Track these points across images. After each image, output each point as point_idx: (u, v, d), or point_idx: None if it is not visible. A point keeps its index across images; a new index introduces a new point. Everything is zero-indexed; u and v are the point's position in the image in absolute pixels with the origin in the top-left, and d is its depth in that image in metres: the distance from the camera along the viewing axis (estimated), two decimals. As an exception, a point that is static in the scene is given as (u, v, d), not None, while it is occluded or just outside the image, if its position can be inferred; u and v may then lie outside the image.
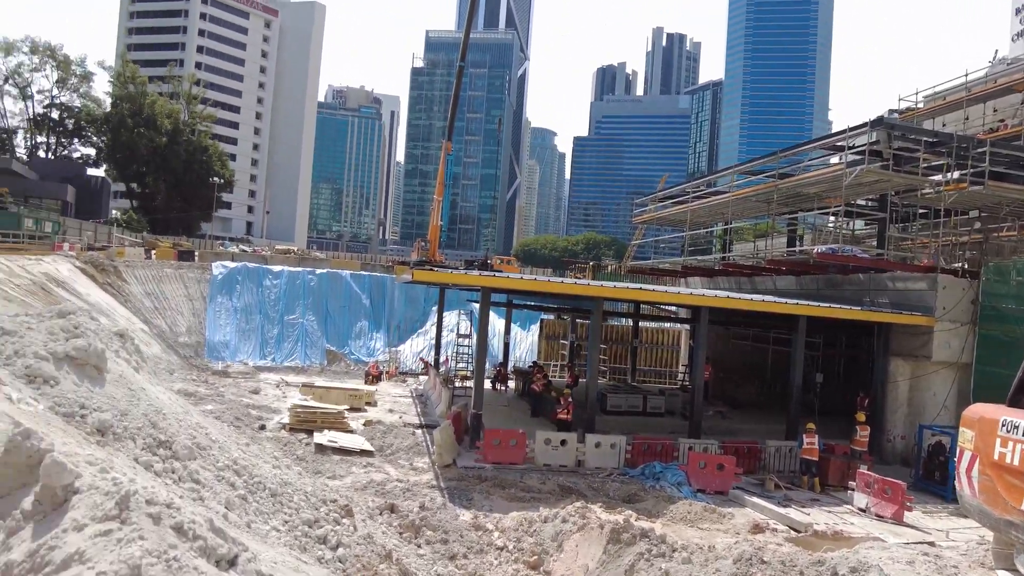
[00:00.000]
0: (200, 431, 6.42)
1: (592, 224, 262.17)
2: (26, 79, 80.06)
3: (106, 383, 5.89)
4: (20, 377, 5.19)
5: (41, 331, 6.01)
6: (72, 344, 5.82)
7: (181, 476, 5.06)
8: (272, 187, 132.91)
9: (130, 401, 5.88)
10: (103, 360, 6.00)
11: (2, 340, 5.61)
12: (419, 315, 47.68)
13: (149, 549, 2.14)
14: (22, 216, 46.18)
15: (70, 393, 5.32)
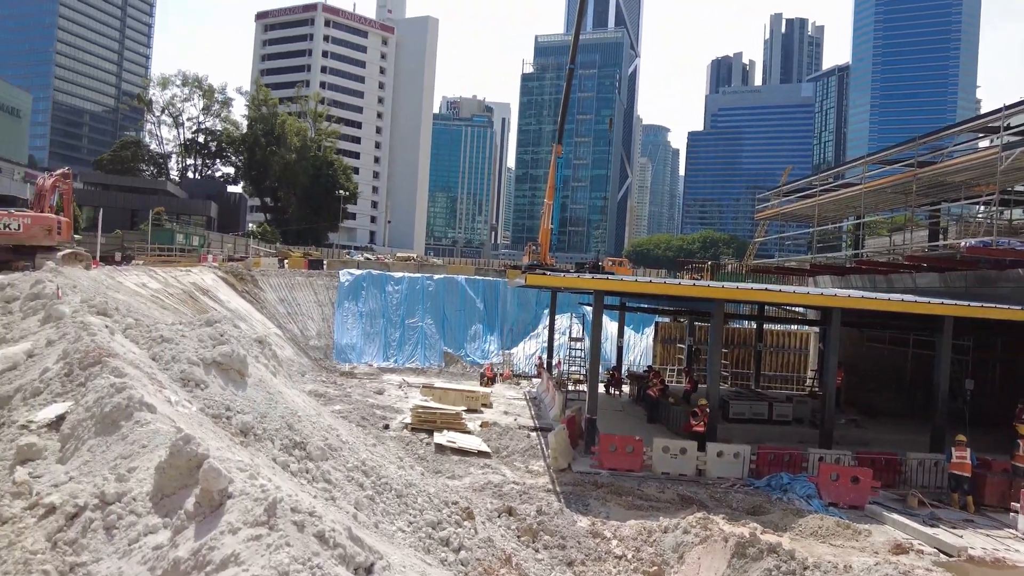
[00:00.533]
0: (332, 433, 6.84)
1: (709, 222, 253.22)
2: (178, 108, 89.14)
3: (248, 387, 6.41)
4: (176, 380, 5.76)
5: (192, 338, 6.65)
6: (218, 351, 6.41)
7: (314, 476, 5.41)
8: (392, 197, 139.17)
9: (269, 404, 6.38)
10: (245, 365, 6.55)
11: (161, 347, 6.28)
12: (531, 318, 48.11)
13: (295, 556, 2.30)
14: (175, 232, 51.30)
15: (217, 396, 5.85)
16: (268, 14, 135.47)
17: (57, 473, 3.55)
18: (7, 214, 25.86)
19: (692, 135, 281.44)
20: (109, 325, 6.69)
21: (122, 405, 3.70)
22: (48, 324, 7.86)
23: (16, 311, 10.42)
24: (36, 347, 6.60)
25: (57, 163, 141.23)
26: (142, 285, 26.82)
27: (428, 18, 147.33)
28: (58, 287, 10.21)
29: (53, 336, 6.78)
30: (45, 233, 25.84)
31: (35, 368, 5.86)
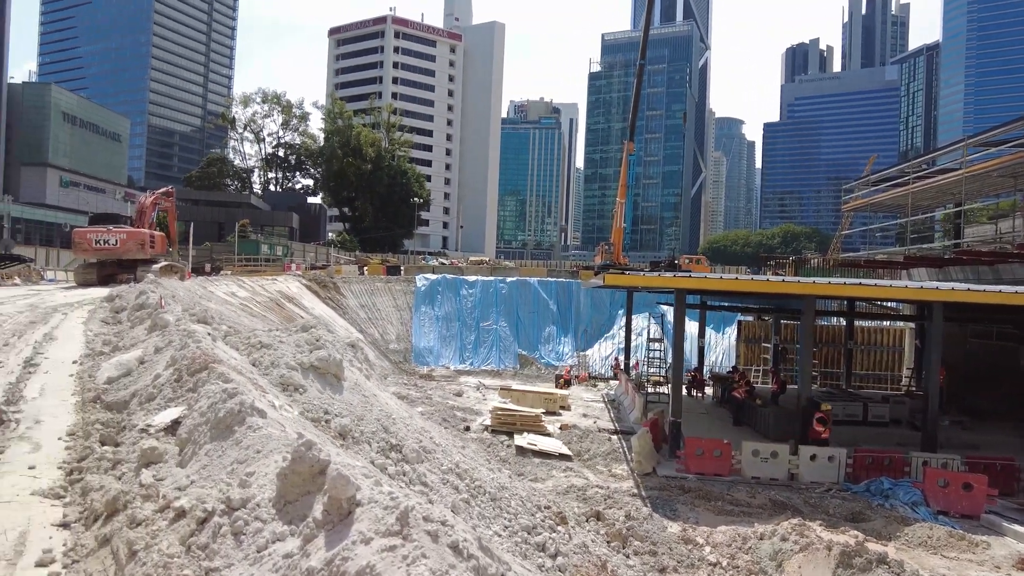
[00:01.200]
0: (424, 435, 6.89)
1: (788, 215, 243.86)
2: (259, 125, 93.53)
3: (344, 390, 6.54)
4: (276, 385, 5.94)
5: (290, 344, 6.86)
6: (315, 355, 6.58)
7: (411, 479, 5.44)
8: (463, 202, 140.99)
9: (364, 407, 6.48)
10: (341, 369, 6.70)
11: (261, 352, 6.50)
12: (605, 319, 47.52)
13: (433, 569, 2.25)
14: (260, 243, 53.73)
15: (315, 399, 6.00)
16: (340, 29, 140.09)
17: (178, 476, 3.68)
18: (106, 231, 27.76)
19: (768, 126, 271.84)
20: (211, 332, 7.00)
21: (235, 410, 3.81)
22: (155, 332, 8.32)
23: (125, 320, 11.09)
24: (146, 354, 6.98)
25: (152, 182, 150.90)
26: (231, 294, 28.12)
27: (494, 23, 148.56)
28: (161, 297, 10.82)
29: (160, 343, 7.16)
30: (138, 247, 27.57)
31: (147, 374, 6.19)
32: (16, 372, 7.49)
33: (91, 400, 5.76)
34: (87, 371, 7.33)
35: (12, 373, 7.45)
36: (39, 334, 10.41)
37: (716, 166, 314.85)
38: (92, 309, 13.94)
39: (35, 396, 6.26)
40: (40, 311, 14.58)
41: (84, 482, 3.86)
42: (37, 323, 11.93)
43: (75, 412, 5.62)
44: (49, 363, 8.11)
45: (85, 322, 11.88)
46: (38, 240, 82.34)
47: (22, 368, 7.71)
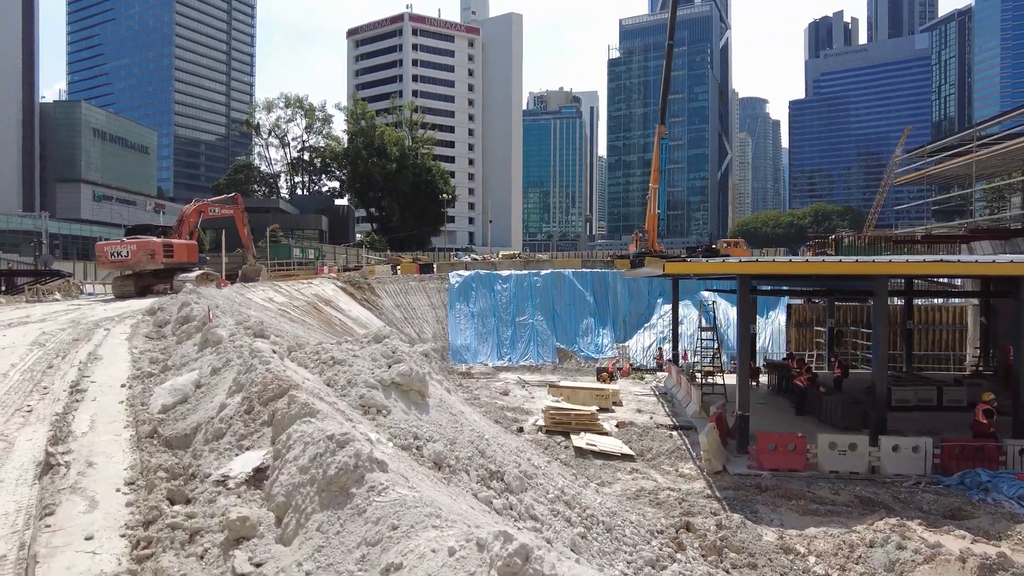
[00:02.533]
0: (522, 456, 6.10)
1: (818, 194, 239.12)
2: (283, 129, 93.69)
3: (430, 408, 5.78)
4: (356, 407, 5.19)
5: (365, 358, 6.11)
6: (396, 371, 5.81)
7: (520, 513, 4.65)
8: (487, 197, 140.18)
9: (455, 427, 5.71)
10: (425, 385, 5.92)
11: (334, 370, 5.76)
12: (644, 308, 46.34)
13: None
14: (291, 247, 53.57)
15: (402, 422, 5.22)
16: (358, 30, 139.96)
17: (285, 563, 2.88)
18: (120, 242, 27.83)
19: (793, 104, 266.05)
20: (276, 349, 6.29)
21: (349, 466, 2.97)
22: (207, 349, 7.66)
23: (169, 334, 10.50)
24: (202, 376, 6.30)
25: (181, 192, 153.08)
26: (269, 300, 27.71)
27: (511, 15, 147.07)
28: (209, 309, 10.19)
29: (216, 363, 6.48)
30: (148, 257, 27.44)
31: (206, 401, 5.50)
32: (62, 399, 6.88)
33: (147, 435, 5.07)
34: (138, 396, 6.68)
35: (58, 401, 6.83)
36: (83, 353, 9.87)
37: (742, 147, 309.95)
38: (134, 324, 13.44)
39: (85, 430, 5.61)
40: (82, 327, 14.13)
41: (158, 568, 3.10)
42: (80, 340, 11.43)
43: (131, 450, 4.94)
44: (96, 387, 7.50)
45: (129, 338, 11.34)
46: (75, 254, 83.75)
47: (68, 394, 7.10)
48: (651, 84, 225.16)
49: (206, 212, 34.75)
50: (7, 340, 11.18)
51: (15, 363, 8.98)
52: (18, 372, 8.35)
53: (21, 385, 7.59)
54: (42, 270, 41.31)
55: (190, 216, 34.24)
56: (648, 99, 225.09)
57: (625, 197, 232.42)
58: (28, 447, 5.25)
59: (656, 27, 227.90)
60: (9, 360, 9.15)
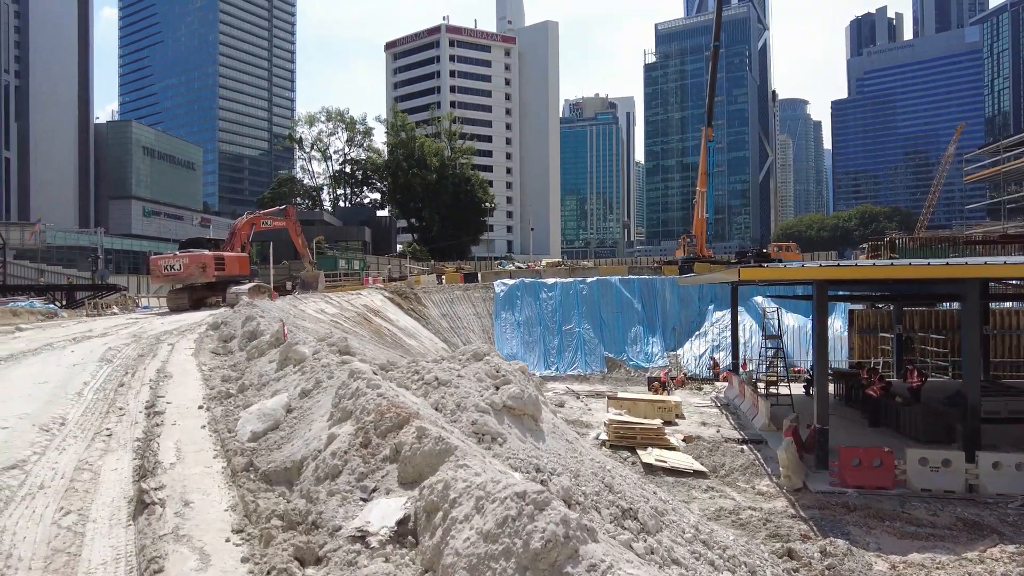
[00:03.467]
0: (646, 489, 5.51)
1: (863, 195, 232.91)
2: (325, 143, 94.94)
3: (545, 435, 5.23)
4: (469, 435, 4.67)
5: (469, 378, 5.60)
6: (508, 393, 5.28)
7: (663, 559, 4.05)
8: (525, 205, 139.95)
9: (575, 457, 5.15)
10: (539, 409, 5.37)
11: (441, 392, 5.25)
12: (694, 315, 45.18)
13: None
14: (338, 258, 53.87)
15: (520, 452, 4.67)
16: (396, 43, 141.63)
17: None
18: (172, 256, 28.06)
19: (836, 104, 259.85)
20: (375, 370, 5.81)
21: (558, 536, 2.31)
22: (288, 368, 7.26)
23: (236, 350, 10.19)
24: (291, 399, 5.86)
25: (226, 206, 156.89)
26: (320, 311, 27.65)
27: (547, 23, 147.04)
28: (283, 324, 9.85)
29: (304, 384, 6.04)
30: (200, 271, 27.54)
31: (302, 428, 5.05)
32: (141, 422, 6.55)
33: (242, 468, 4.64)
34: (220, 421, 6.30)
35: (137, 424, 6.50)
36: (151, 370, 9.63)
37: (783, 150, 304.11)
38: (197, 338, 13.28)
39: (172, 460, 5.21)
40: (144, 342, 14.02)
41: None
42: (145, 356, 11.25)
43: (227, 485, 4.51)
44: (173, 408, 7.17)
45: (195, 354, 11.11)
46: (127, 268, 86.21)
47: (146, 417, 6.78)
48: (688, 88, 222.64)
49: (258, 224, 35.08)
50: (76, 356, 11.06)
51: (87, 381, 8.77)
52: (91, 391, 8.11)
53: (96, 405, 7.32)
54: (100, 284, 42.31)
55: (242, 229, 34.62)
56: (686, 103, 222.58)
57: (664, 202, 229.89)
58: (115, 478, 4.88)
59: (691, 31, 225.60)
60: (81, 378, 8.94)
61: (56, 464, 5.09)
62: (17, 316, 24.97)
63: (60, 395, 7.67)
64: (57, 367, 9.77)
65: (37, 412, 6.75)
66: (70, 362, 10.31)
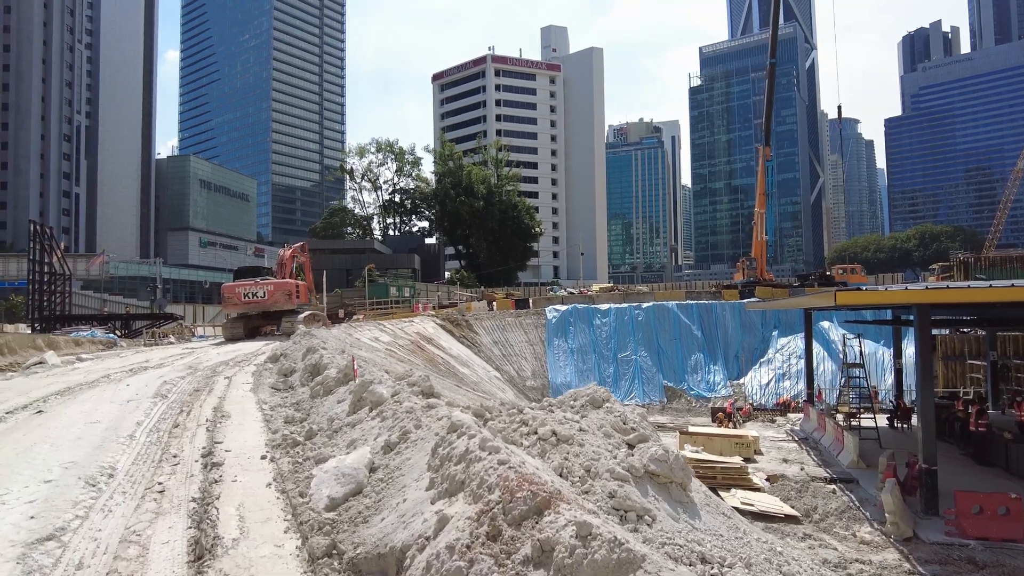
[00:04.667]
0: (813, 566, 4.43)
1: (921, 215, 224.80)
2: (375, 173, 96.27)
3: (699, 509, 4.19)
4: (608, 512, 3.67)
5: (592, 431, 4.61)
6: (648, 455, 4.26)
7: None
8: (571, 230, 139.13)
9: (738, 538, 4.09)
10: (688, 475, 4.33)
11: (563, 451, 4.26)
12: (758, 342, 43.14)
13: None
14: (388, 286, 53.78)
15: (676, 535, 3.63)
16: (443, 74, 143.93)
17: None
18: (254, 283, 27.50)
19: (890, 122, 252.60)
20: (476, 421, 4.88)
21: None
22: (362, 410, 6.39)
23: (298, 385, 9.43)
24: (374, 454, 4.98)
25: (279, 236, 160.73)
26: (375, 339, 27.11)
27: (592, 50, 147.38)
28: (353, 359, 9.02)
29: (389, 436, 5.14)
30: (286, 298, 27.09)
31: (392, 494, 4.13)
32: (196, 475, 5.76)
33: (323, 552, 3.74)
34: (289, 477, 5.46)
35: (192, 477, 5.71)
36: (208, 408, 8.94)
37: (834, 170, 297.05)
38: (255, 371, 12.66)
39: (235, 535, 4.36)
40: (200, 374, 13.48)
41: None
42: (201, 391, 10.62)
43: (306, 575, 3.61)
44: (232, 458, 6.37)
45: (253, 389, 10.43)
46: (183, 298, 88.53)
47: (202, 468, 6.00)
48: (735, 110, 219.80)
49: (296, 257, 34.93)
50: (131, 391, 10.51)
51: (140, 420, 8.11)
52: (144, 432, 7.42)
53: (148, 451, 6.59)
54: (157, 313, 43.02)
55: (288, 260, 34.54)
56: (732, 125, 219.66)
57: (713, 225, 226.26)
58: (166, 555, 4.05)
59: (736, 53, 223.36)
60: (134, 417, 8.30)
61: (99, 533, 4.31)
62: (79, 345, 25.14)
63: (111, 438, 7.00)
64: (111, 404, 9.19)
65: (85, 460, 6.07)
66: (124, 397, 9.74)
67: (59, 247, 40.95)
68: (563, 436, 4.40)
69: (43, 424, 7.77)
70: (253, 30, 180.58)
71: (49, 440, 6.82)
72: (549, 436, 4.47)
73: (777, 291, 46.39)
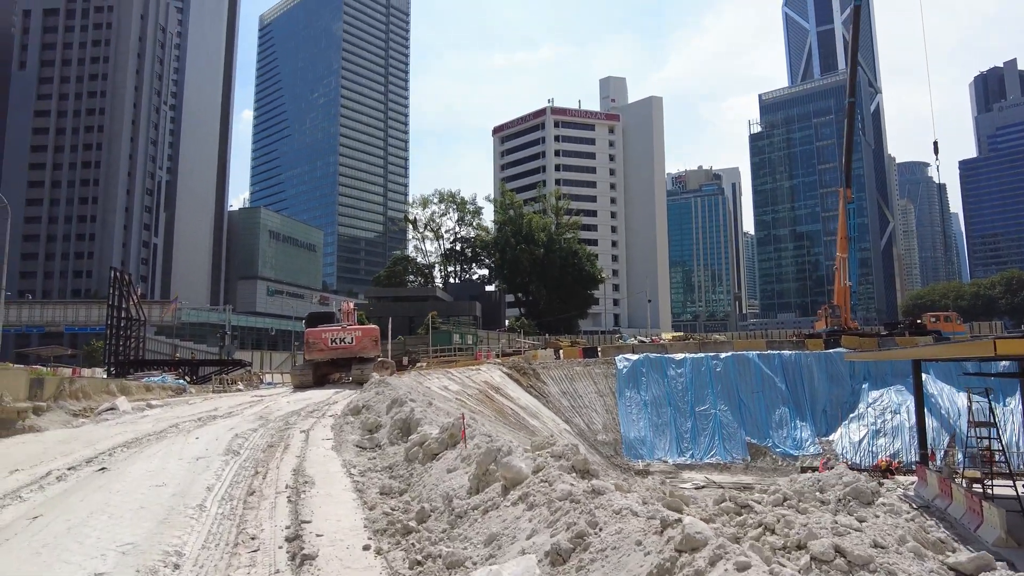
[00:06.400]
0: None
1: (1003, 260, 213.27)
2: (437, 223, 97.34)
3: None
4: None
5: (896, 550, 3.23)
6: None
7: None
8: (632, 278, 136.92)
9: None
10: None
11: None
12: (847, 395, 39.93)
13: None
14: (452, 333, 53.04)
15: None
16: (503, 127, 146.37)
17: None
18: (340, 329, 26.93)
19: (965, 164, 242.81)
20: (708, 527, 3.55)
21: None
22: (492, 489, 5.01)
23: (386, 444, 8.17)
24: (540, 566, 3.62)
25: (344, 285, 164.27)
26: (444, 388, 25.96)
27: (652, 99, 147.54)
28: (463, 417, 7.61)
29: (554, 537, 3.68)
30: (373, 344, 26.41)
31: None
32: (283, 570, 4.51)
33: None
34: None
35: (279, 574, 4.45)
36: (286, 470, 7.80)
37: (904, 215, 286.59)
38: (334, 425, 11.56)
39: None
40: (272, 426, 12.48)
41: None
42: (276, 447, 9.55)
43: None
44: (327, 547, 5.06)
45: (335, 448, 9.26)
46: (251, 344, 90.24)
47: (288, 559, 4.76)
48: (797, 156, 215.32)
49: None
50: (200, 446, 9.53)
51: (211, 484, 7.01)
52: (216, 501, 6.31)
53: (221, 529, 5.44)
54: (226, 360, 43.25)
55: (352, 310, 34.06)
56: (794, 171, 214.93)
57: (778, 273, 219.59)
58: None
59: (796, 99, 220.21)
60: (204, 479, 7.21)
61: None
62: (150, 391, 24.89)
63: (178, 508, 5.91)
64: (179, 461, 8.18)
65: (146, 541, 4.97)
66: (193, 454, 8.75)
67: (136, 293, 41.92)
68: (857, 558, 2.99)
69: (104, 486, 6.79)
70: (323, 89, 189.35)
71: (108, 509, 5.78)
72: (831, 556, 3.06)
73: (864, 340, 43.25)
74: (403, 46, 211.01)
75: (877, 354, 31.41)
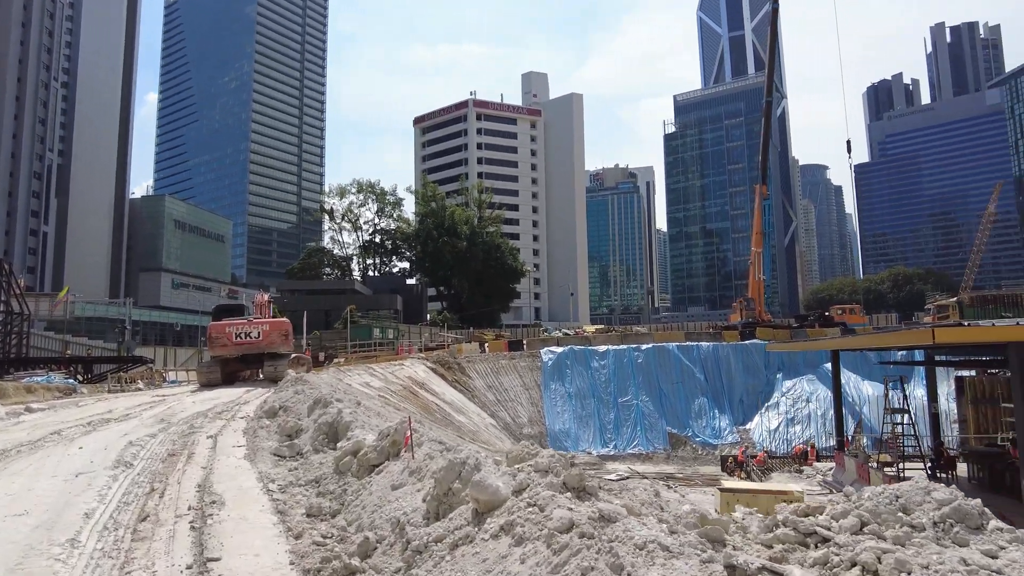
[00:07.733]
0: None
1: (891, 258, 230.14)
2: (356, 214, 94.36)
3: None
4: None
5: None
6: None
7: None
8: (552, 272, 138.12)
9: None
10: None
11: None
12: (762, 385, 41.41)
13: None
14: (372, 327, 51.21)
15: None
16: (425, 117, 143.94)
17: None
18: (247, 323, 24.87)
19: (859, 168, 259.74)
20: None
21: None
22: (457, 513, 3.89)
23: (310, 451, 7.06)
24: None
25: (253, 278, 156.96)
26: (366, 384, 24.66)
27: (573, 95, 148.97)
28: (409, 420, 6.52)
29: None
30: (282, 338, 24.54)
31: None
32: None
33: None
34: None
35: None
36: (189, 486, 6.58)
37: (805, 214, 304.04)
38: (246, 429, 10.27)
39: None
40: (175, 430, 11.04)
41: None
42: (178, 457, 8.23)
43: None
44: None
45: (248, 456, 8.03)
46: (154, 340, 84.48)
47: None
48: (708, 156, 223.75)
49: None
50: (84, 457, 8.08)
51: (91, 509, 5.71)
52: (95, 533, 5.04)
53: (98, 573, 4.24)
54: (124, 356, 39.87)
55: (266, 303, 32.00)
56: (706, 171, 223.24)
57: (688, 268, 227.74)
58: None
59: (709, 101, 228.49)
60: (83, 503, 5.89)
61: None
62: (31, 393, 22.27)
63: (41, 546, 4.62)
64: (52, 479, 6.80)
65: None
66: (73, 468, 7.35)
67: (19, 284, 37.88)
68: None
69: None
70: (234, 72, 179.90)
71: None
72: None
73: (777, 332, 44.93)
74: (320, 32, 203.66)
75: (798, 344, 32.50)
